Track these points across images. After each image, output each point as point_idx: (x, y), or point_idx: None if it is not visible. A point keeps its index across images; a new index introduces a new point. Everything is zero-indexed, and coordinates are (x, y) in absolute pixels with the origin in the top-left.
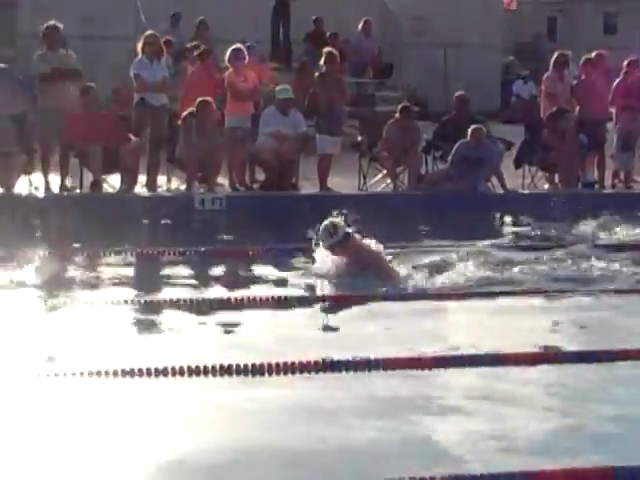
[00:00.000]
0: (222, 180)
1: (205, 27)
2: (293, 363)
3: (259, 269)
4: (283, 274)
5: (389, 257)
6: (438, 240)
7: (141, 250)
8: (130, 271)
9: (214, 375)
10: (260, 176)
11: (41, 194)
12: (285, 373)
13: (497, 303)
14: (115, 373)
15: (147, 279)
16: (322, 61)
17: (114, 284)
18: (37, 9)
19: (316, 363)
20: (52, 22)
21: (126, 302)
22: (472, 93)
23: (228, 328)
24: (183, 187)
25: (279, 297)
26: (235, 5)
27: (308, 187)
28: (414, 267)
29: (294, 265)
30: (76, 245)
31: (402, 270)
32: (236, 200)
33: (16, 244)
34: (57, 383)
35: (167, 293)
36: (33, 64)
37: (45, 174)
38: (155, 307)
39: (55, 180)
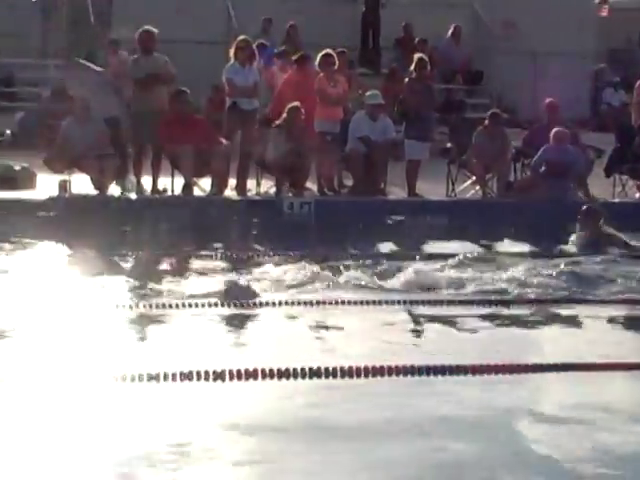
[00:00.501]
0: (311, 184)
1: (295, 32)
2: (396, 367)
3: (347, 273)
4: (369, 279)
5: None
6: (526, 247)
7: (230, 253)
8: (219, 274)
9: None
10: (348, 181)
11: (134, 196)
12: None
13: (590, 311)
14: (207, 375)
15: (235, 282)
16: (412, 67)
17: (203, 287)
18: (130, 14)
19: (413, 368)
20: (146, 27)
21: (216, 305)
22: (562, 100)
23: (319, 331)
24: (272, 191)
25: (367, 301)
26: (325, 10)
27: (396, 193)
28: (507, 275)
29: (380, 270)
30: (167, 247)
31: (494, 276)
32: (324, 205)
33: (109, 245)
34: (152, 386)
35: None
36: (128, 68)
37: (138, 176)
38: (246, 309)
39: (147, 182)
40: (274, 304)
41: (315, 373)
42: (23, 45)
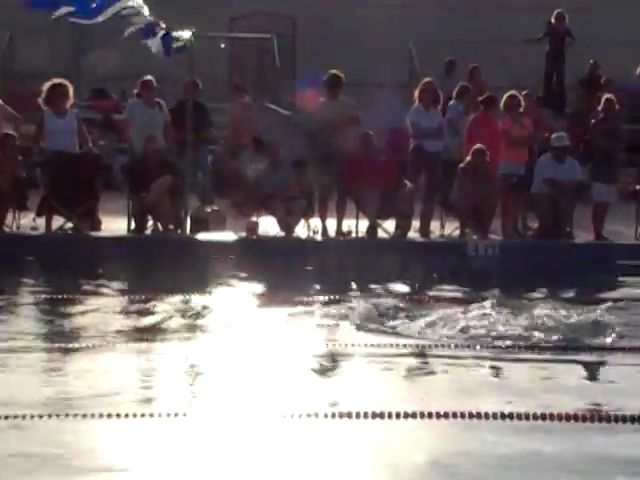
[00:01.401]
0: (495, 227)
1: (478, 74)
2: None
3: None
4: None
5: None
6: None
7: (414, 295)
8: (400, 314)
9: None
10: (533, 223)
11: (319, 237)
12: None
13: None
14: (365, 415)
15: (412, 324)
16: (599, 107)
17: (386, 328)
18: (315, 57)
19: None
20: (333, 71)
21: (392, 345)
22: None
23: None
24: (456, 233)
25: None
26: (509, 52)
27: (583, 236)
28: None
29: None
30: (351, 288)
31: None
32: (510, 247)
33: (294, 286)
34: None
35: (437, 338)
36: (314, 111)
37: (323, 218)
38: (421, 349)
39: (331, 224)
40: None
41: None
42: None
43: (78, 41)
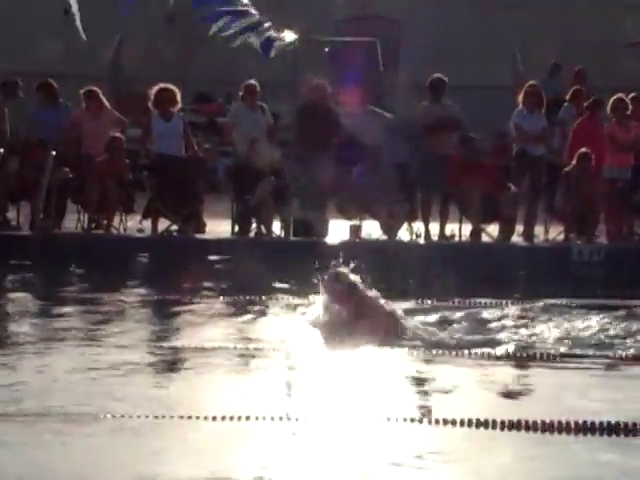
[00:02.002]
0: (600, 232)
1: (583, 77)
2: None
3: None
4: None
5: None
6: None
7: (517, 301)
8: (506, 322)
9: None
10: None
11: (421, 241)
12: None
13: None
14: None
15: (520, 331)
16: None
17: (490, 335)
18: (416, 60)
19: None
20: (437, 75)
21: (498, 357)
22: None
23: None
24: (561, 238)
25: None
26: (616, 55)
27: None
28: None
29: None
30: (454, 295)
31: None
32: (616, 252)
33: (397, 291)
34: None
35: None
36: (417, 114)
37: (426, 222)
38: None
39: (434, 228)
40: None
41: None
42: None
43: (184, 45)
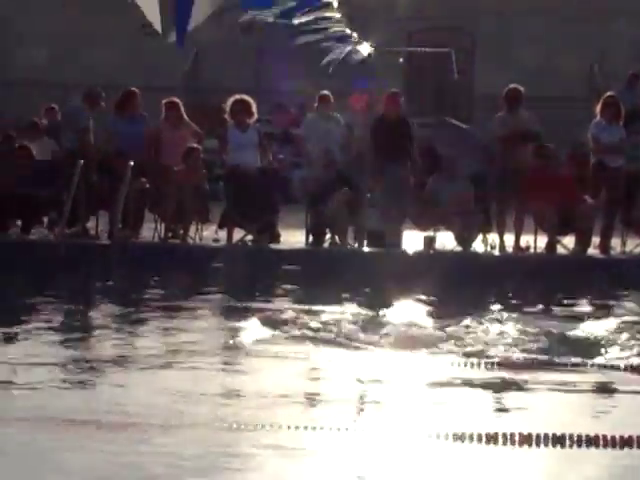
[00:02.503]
0: None
1: None
2: None
3: None
4: None
5: None
6: None
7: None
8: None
9: None
10: None
11: (496, 252)
12: None
13: None
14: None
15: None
16: None
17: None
18: (492, 69)
19: None
20: (513, 85)
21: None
22: None
23: None
24: (638, 250)
25: None
26: None
27: None
28: None
29: None
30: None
31: None
32: None
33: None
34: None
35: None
36: (492, 125)
37: (501, 234)
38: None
39: (510, 240)
40: None
41: None
42: None
43: (259, 56)
